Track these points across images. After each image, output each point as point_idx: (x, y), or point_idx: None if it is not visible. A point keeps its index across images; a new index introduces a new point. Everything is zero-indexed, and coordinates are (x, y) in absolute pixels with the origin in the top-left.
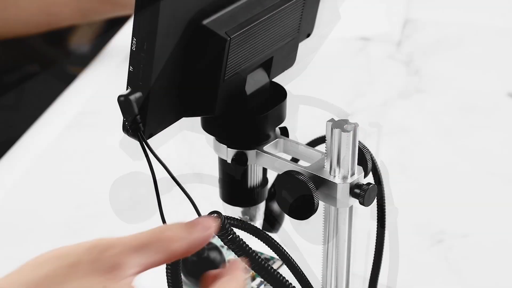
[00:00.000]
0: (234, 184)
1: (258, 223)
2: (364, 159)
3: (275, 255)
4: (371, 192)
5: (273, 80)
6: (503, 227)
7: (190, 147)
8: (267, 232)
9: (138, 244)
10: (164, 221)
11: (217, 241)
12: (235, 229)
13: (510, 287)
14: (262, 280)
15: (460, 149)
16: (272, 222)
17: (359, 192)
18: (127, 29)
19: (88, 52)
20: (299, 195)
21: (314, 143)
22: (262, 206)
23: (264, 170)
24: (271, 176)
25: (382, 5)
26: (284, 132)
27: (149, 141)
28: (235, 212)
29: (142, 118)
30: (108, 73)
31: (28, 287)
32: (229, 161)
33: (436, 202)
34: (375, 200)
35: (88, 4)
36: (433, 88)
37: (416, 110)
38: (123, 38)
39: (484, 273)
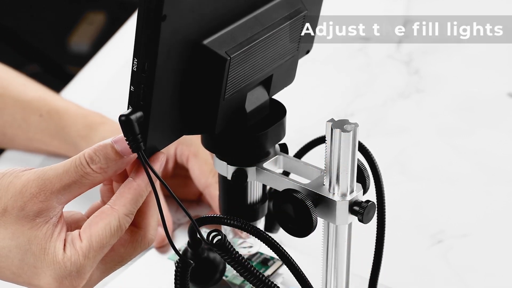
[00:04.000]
0: (234, 200)
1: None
2: (363, 176)
3: (275, 255)
4: (370, 209)
5: (273, 97)
6: (503, 227)
7: None
8: (267, 232)
9: (64, 185)
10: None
11: None
12: (235, 229)
13: (510, 287)
14: None
15: (460, 149)
16: (273, 222)
17: (358, 209)
18: (127, 29)
19: (88, 52)
20: (297, 213)
21: (313, 144)
22: (262, 220)
23: (264, 187)
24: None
25: (382, 5)
26: (284, 148)
27: None
28: None
29: (143, 137)
30: (108, 73)
31: None
32: (229, 177)
33: (436, 202)
34: (375, 200)
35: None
36: (433, 88)
37: (416, 110)
38: (123, 38)
39: (483, 273)
